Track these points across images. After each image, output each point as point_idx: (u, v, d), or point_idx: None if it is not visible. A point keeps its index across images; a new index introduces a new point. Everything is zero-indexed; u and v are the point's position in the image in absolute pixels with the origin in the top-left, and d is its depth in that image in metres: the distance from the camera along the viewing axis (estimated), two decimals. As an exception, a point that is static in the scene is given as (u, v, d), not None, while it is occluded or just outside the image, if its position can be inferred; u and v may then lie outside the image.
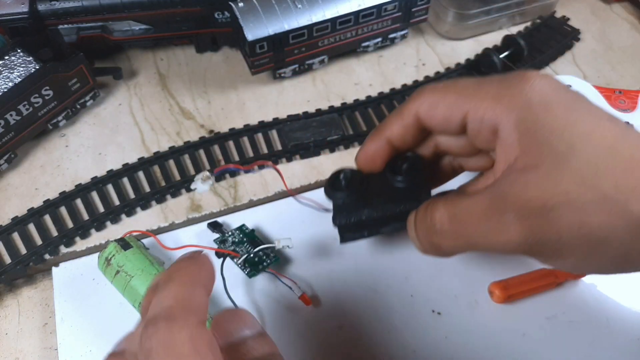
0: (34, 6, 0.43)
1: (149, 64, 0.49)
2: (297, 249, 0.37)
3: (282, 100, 0.46)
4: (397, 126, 0.27)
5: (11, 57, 0.40)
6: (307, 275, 0.36)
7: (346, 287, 0.35)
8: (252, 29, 0.41)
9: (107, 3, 0.44)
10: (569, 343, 0.33)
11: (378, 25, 0.47)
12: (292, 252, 0.37)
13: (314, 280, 0.35)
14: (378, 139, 0.28)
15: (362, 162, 0.29)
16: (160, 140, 0.43)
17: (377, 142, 0.28)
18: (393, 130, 0.27)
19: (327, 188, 0.31)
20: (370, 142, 0.28)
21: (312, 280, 0.35)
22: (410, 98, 0.26)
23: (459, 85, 0.25)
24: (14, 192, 0.40)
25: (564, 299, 0.35)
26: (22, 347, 0.34)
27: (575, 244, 0.21)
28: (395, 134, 0.27)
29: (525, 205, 0.21)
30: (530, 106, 0.22)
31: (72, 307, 0.35)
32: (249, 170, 0.28)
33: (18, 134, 0.41)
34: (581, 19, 0.53)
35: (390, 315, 0.34)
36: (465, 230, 0.23)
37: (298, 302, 0.34)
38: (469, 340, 0.33)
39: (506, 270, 0.35)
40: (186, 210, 0.39)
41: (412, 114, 0.26)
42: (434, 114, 0.25)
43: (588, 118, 0.22)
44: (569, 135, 0.21)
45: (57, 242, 0.37)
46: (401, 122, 0.27)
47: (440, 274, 0.36)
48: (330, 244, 0.37)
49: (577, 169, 0.21)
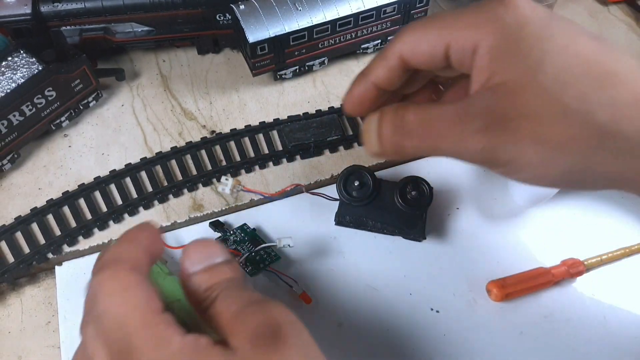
0: (37, 8, 0.44)
1: (151, 65, 0.50)
2: (297, 248, 0.37)
3: (283, 101, 0.47)
4: (382, 69, 0.26)
5: (14, 58, 0.41)
6: (307, 273, 0.36)
7: (346, 286, 0.36)
8: (253, 31, 0.42)
9: (109, 5, 0.45)
10: (566, 341, 0.33)
11: (377, 27, 0.47)
12: (292, 251, 0.37)
13: (314, 279, 0.36)
14: (364, 83, 0.27)
15: (349, 107, 0.28)
16: (162, 141, 0.44)
17: (363, 86, 0.27)
18: (378, 74, 0.27)
19: (339, 186, 0.36)
20: (356, 86, 0.27)
21: (313, 279, 0.36)
22: (393, 39, 0.26)
23: (438, 19, 0.25)
24: (18, 191, 0.41)
25: (561, 298, 0.35)
26: (25, 345, 0.34)
27: (531, 153, 0.22)
28: (381, 77, 0.27)
29: (488, 116, 0.22)
30: (505, 28, 0.23)
31: (75, 305, 0.35)
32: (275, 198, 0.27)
33: (21, 135, 0.41)
34: (579, 21, 0.54)
35: (389, 313, 0.34)
36: (432, 134, 0.24)
37: (299, 300, 0.34)
38: (467, 338, 0.33)
39: (504, 269, 0.36)
40: (188, 210, 0.39)
41: (396, 55, 0.26)
42: (417, 52, 0.25)
43: (564, 33, 0.23)
44: (539, 51, 0.22)
45: (60, 241, 0.37)
46: (386, 65, 0.26)
47: (438, 272, 0.36)
48: (330, 243, 0.38)
49: (542, 83, 0.22)
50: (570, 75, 0.22)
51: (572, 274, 0.35)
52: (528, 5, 0.23)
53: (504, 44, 0.23)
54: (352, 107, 0.28)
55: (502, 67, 0.23)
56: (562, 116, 0.21)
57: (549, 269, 0.36)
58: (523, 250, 0.37)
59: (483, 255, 0.37)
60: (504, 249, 0.37)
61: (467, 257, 0.37)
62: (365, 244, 0.38)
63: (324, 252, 0.37)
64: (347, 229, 0.38)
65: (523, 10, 0.23)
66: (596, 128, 0.21)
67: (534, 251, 0.37)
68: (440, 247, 0.37)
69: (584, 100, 0.21)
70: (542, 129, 0.22)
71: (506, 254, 0.37)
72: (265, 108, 0.46)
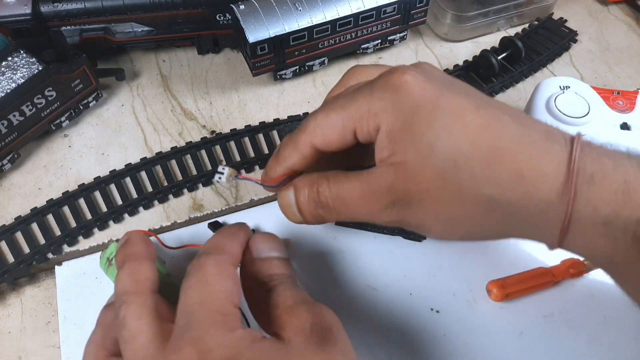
0: (36, 8, 0.44)
1: (151, 65, 0.50)
2: (296, 247, 0.37)
3: (283, 101, 0.47)
4: (297, 158, 0.29)
5: (14, 59, 0.41)
6: (306, 273, 0.36)
7: (345, 286, 0.36)
8: (253, 31, 0.42)
9: (109, 5, 0.45)
10: (566, 341, 0.33)
11: (377, 27, 0.47)
12: (292, 250, 0.37)
13: (313, 279, 0.36)
14: (281, 168, 0.29)
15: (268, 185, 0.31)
16: (162, 141, 0.44)
17: (281, 170, 0.30)
18: (294, 162, 0.29)
19: None
20: (273, 170, 0.30)
21: (312, 279, 0.36)
22: (300, 131, 0.28)
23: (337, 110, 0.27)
24: (18, 191, 0.41)
25: (562, 298, 0.35)
26: (25, 346, 0.34)
27: (434, 224, 0.26)
28: (297, 165, 0.29)
29: (393, 194, 0.25)
30: (399, 113, 0.25)
31: (75, 305, 0.35)
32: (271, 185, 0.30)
33: (21, 135, 0.41)
34: (578, 21, 0.54)
35: (389, 313, 0.34)
36: (347, 209, 0.27)
37: None
38: (467, 338, 0.33)
39: (504, 269, 0.36)
40: (188, 210, 0.39)
41: (308, 146, 0.28)
42: (328, 140, 0.27)
43: (451, 111, 0.24)
44: (430, 136, 0.24)
45: (60, 241, 0.37)
46: (300, 155, 0.28)
47: (438, 272, 0.36)
48: (330, 243, 0.38)
49: (436, 166, 0.24)
50: (460, 156, 0.24)
51: (572, 274, 0.35)
52: (418, 87, 0.25)
53: (400, 129, 0.25)
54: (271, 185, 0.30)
55: (400, 148, 0.25)
56: (457, 197, 0.24)
57: (549, 269, 0.35)
58: (523, 250, 0.37)
59: (483, 255, 0.37)
60: (504, 249, 0.37)
61: (467, 257, 0.37)
62: (365, 244, 0.38)
63: (324, 252, 0.37)
64: (347, 228, 0.38)
65: (412, 95, 0.25)
66: (485, 201, 0.24)
67: (534, 251, 0.37)
68: (440, 247, 0.37)
69: (473, 179, 0.24)
70: (441, 209, 0.25)
71: (506, 254, 0.37)
72: (265, 108, 0.46)
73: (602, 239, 0.23)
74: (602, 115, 0.39)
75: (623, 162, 0.23)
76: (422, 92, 0.25)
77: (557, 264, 0.36)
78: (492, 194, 0.24)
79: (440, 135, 0.24)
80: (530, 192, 0.23)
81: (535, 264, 0.36)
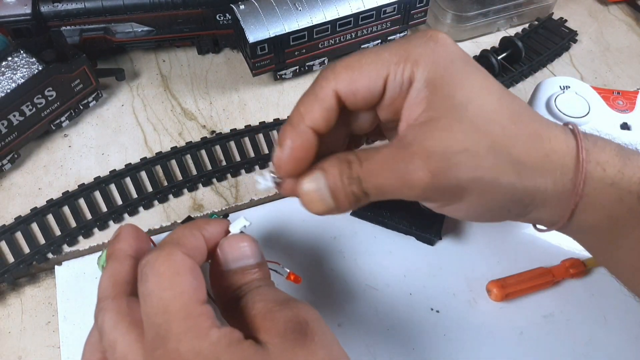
0: (36, 8, 0.44)
1: (151, 65, 0.50)
2: (297, 247, 0.37)
3: (283, 101, 0.47)
4: (318, 111, 0.24)
5: (14, 59, 0.41)
6: (307, 273, 0.36)
7: (345, 286, 0.36)
8: (253, 31, 0.42)
9: (109, 5, 0.45)
10: (566, 341, 0.33)
11: (377, 27, 0.47)
12: (292, 250, 0.37)
13: (313, 279, 0.36)
14: (300, 131, 0.24)
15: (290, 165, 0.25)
16: (162, 141, 0.44)
17: (301, 135, 0.24)
18: (315, 118, 0.24)
19: None
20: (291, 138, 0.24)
21: (312, 279, 0.36)
22: (322, 78, 0.24)
23: (370, 55, 0.24)
24: (18, 191, 0.41)
25: (561, 298, 0.35)
26: (25, 345, 0.34)
27: (470, 187, 0.23)
28: (318, 121, 0.24)
29: (429, 154, 0.23)
30: (437, 64, 0.24)
31: (75, 305, 0.35)
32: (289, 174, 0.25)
33: (21, 135, 0.41)
34: (578, 21, 0.54)
35: (389, 313, 0.34)
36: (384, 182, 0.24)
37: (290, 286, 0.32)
38: (467, 338, 0.33)
39: (504, 269, 0.36)
40: (188, 210, 0.39)
41: (331, 94, 0.24)
42: (355, 88, 0.24)
43: (478, 72, 0.25)
44: (468, 87, 0.24)
45: (60, 241, 0.37)
46: (322, 106, 0.24)
47: (438, 272, 0.36)
48: (330, 243, 0.38)
49: (474, 118, 0.23)
50: (492, 110, 0.24)
51: (572, 274, 0.35)
52: (453, 44, 0.25)
53: (439, 81, 0.24)
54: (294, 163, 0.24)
55: (436, 102, 0.24)
56: (492, 150, 0.23)
57: (549, 269, 0.35)
58: (523, 250, 0.37)
59: (483, 255, 0.37)
60: (504, 249, 0.37)
61: (467, 257, 0.37)
62: (365, 244, 0.38)
63: (324, 252, 0.37)
64: (346, 228, 0.38)
65: (449, 47, 0.25)
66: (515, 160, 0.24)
67: (534, 251, 0.37)
68: (441, 247, 0.37)
69: (504, 134, 0.24)
70: (480, 163, 0.23)
71: (506, 254, 0.37)
72: (265, 108, 0.46)
73: (609, 202, 0.25)
74: (602, 115, 0.39)
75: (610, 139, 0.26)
76: (456, 48, 0.25)
77: (557, 264, 0.36)
78: (520, 154, 0.24)
79: (475, 88, 0.24)
80: (550, 156, 0.24)
81: (535, 264, 0.36)
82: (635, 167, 0.25)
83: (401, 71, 0.24)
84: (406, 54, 0.24)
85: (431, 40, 0.24)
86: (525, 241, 0.38)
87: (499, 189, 0.24)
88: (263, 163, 0.42)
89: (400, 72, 0.24)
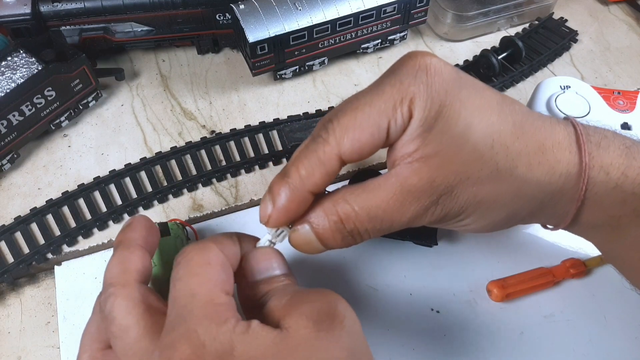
0: (36, 7, 0.44)
1: (151, 65, 0.50)
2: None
3: (283, 101, 0.47)
4: (320, 176, 0.24)
5: (14, 58, 0.41)
6: (307, 274, 0.36)
7: (345, 286, 0.36)
8: (253, 31, 0.42)
9: (109, 5, 0.45)
10: (567, 341, 0.33)
11: (378, 27, 0.47)
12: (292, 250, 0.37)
13: (313, 280, 0.36)
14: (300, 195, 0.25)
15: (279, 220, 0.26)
16: (162, 141, 0.44)
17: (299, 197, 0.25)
18: (317, 182, 0.24)
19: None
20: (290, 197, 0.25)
21: (312, 280, 0.36)
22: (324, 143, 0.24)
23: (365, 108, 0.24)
24: (17, 191, 0.41)
25: (562, 298, 0.35)
26: (25, 346, 0.34)
27: (472, 210, 0.25)
28: (320, 186, 0.24)
29: (437, 192, 0.24)
30: (434, 99, 0.24)
31: (75, 305, 0.35)
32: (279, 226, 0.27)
33: (21, 134, 0.41)
34: (579, 21, 0.54)
35: (389, 313, 0.34)
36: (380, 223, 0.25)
37: None
38: (467, 338, 0.33)
39: (504, 269, 0.36)
40: (188, 210, 0.39)
41: (335, 159, 0.24)
42: (360, 148, 0.24)
43: (473, 91, 0.24)
44: (466, 116, 0.23)
45: (60, 241, 0.37)
46: (325, 171, 0.24)
47: (438, 272, 0.36)
48: (331, 243, 0.37)
49: (476, 144, 0.23)
50: (494, 131, 0.24)
51: (572, 274, 0.35)
52: (442, 66, 0.24)
53: (436, 113, 0.23)
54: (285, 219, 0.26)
55: (434, 136, 0.23)
56: (496, 177, 0.24)
57: (550, 269, 0.35)
58: (523, 250, 0.37)
59: (483, 255, 0.37)
60: (504, 249, 0.37)
61: (467, 257, 0.37)
62: (365, 244, 0.37)
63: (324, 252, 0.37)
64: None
65: (442, 75, 0.24)
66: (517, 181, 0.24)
67: (534, 251, 0.37)
68: (441, 247, 0.37)
69: (508, 156, 0.24)
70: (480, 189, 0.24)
71: (506, 254, 0.37)
72: (265, 108, 0.46)
73: (612, 204, 0.25)
74: (602, 115, 0.39)
75: (616, 133, 0.26)
76: (448, 71, 0.24)
77: (557, 264, 0.36)
78: (523, 173, 0.24)
79: (474, 110, 0.23)
80: (554, 167, 0.24)
81: (535, 264, 0.36)
82: None
83: (400, 115, 0.24)
84: (400, 96, 0.24)
85: (421, 72, 0.24)
86: (526, 241, 0.38)
87: (502, 208, 0.25)
88: (263, 163, 0.42)
89: (400, 116, 0.24)
